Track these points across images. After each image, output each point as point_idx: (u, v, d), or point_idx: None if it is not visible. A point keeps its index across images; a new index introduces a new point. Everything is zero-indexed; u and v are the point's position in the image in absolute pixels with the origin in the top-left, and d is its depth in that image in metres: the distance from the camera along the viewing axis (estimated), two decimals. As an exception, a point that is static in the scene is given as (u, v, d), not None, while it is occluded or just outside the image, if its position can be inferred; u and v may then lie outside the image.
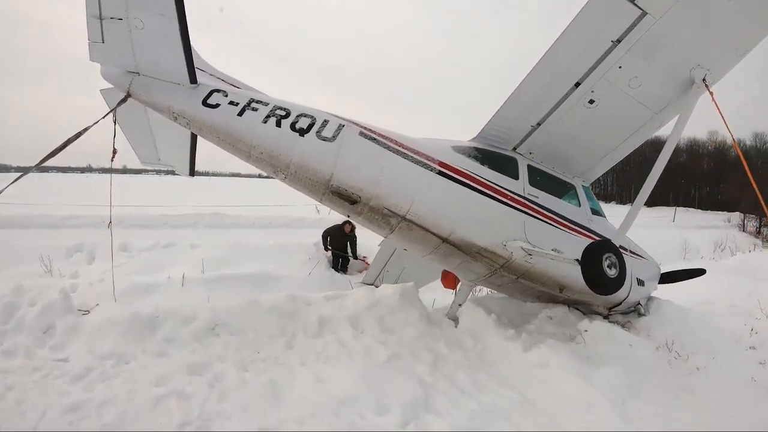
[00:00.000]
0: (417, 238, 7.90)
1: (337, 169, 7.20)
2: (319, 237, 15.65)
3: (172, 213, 19.89)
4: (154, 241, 14.62)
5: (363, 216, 7.68)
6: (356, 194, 7.35)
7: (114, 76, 7.13)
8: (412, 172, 7.57)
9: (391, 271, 12.37)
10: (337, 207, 7.70)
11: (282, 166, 7.13)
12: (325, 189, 7.32)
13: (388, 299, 8.84)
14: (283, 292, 8.71)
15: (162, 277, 12.03)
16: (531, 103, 7.86)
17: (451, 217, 7.75)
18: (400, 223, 7.63)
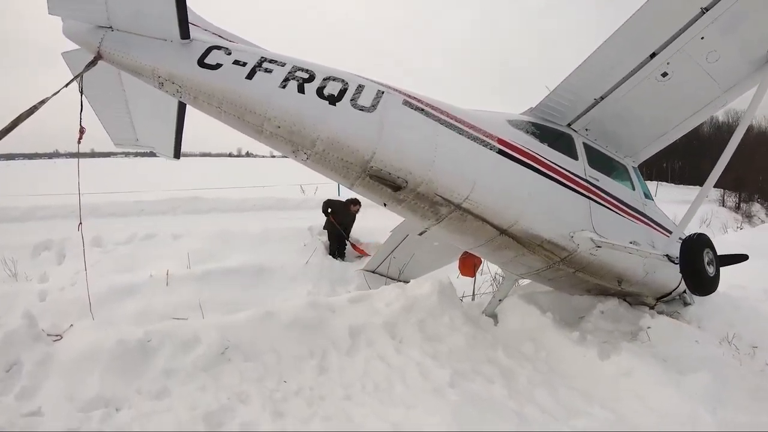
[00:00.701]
0: (468, 230, 6.39)
1: (381, 147, 5.52)
2: (311, 221, 13.87)
3: (147, 199, 17.65)
4: (130, 233, 12.51)
5: (404, 205, 6.05)
6: (403, 178, 5.68)
7: (80, 33, 5.22)
8: (471, 151, 6.08)
9: (398, 258, 11.04)
10: (372, 194, 6.00)
11: (305, 143, 5.38)
12: (361, 172, 5.61)
13: (425, 300, 7.21)
14: (301, 299, 6.89)
15: (143, 275, 10.18)
16: (601, 72, 6.86)
17: (516, 204, 6.31)
18: (453, 212, 6.07)
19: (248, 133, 5.43)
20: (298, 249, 12.27)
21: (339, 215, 13.04)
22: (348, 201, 13.14)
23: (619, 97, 7.01)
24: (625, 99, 7.03)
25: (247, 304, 9.60)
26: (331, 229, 12.96)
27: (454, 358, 6.21)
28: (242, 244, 12.06)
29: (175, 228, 13.41)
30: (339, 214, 13.04)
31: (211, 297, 9.75)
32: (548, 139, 7.00)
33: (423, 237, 9.47)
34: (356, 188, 5.92)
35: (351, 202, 13.11)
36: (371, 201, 6.38)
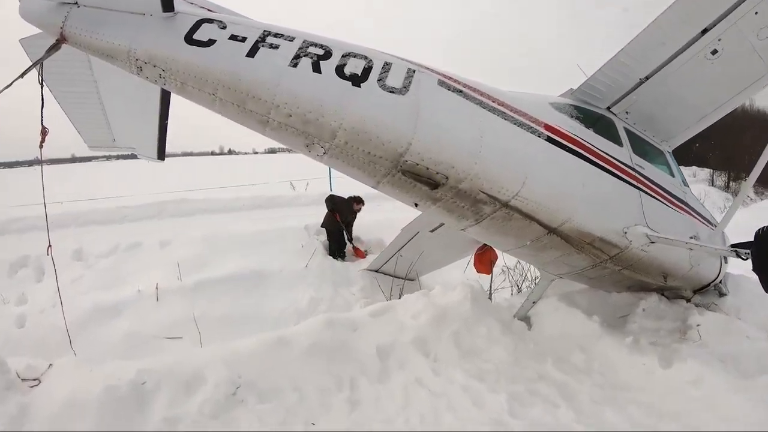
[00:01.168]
0: (512, 231, 5.44)
1: (418, 137, 4.47)
2: (305, 219, 12.79)
3: (130, 204, 16.28)
4: (114, 243, 11.28)
5: (440, 205, 5.03)
6: (443, 173, 4.65)
7: (39, 11, 4.11)
8: (520, 139, 5.11)
9: (405, 256, 9.97)
10: (401, 193, 4.98)
11: (324, 134, 4.31)
12: (391, 167, 4.58)
13: (456, 308, 6.21)
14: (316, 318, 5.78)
15: (130, 290, 9.14)
16: (650, 50, 6.13)
17: (570, 200, 5.38)
18: (498, 211, 5.08)
19: (250, 125, 4.38)
20: (296, 250, 11.17)
21: (341, 213, 12.00)
22: (351, 198, 12.10)
23: (665, 76, 6.26)
24: (671, 78, 6.29)
25: (247, 316, 8.65)
26: (330, 227, 11.88)
27: (504, 377, 5.25)
28: (235, 249, 10.92)
29: (161, 234, 12.23)
30: (341, 211, 11.99)
31: (206, 311, 8.71)
32: (592, 124, 6.11)
33: (435, 234, 8.58)
34: (382, 187, 4.90)
35: (354, 200, 12.08)
36: (399, 201, 5.33)
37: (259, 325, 8.66)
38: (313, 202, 16.81)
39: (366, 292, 10.35)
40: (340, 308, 9.65)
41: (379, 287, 10.48)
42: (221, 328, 8.51)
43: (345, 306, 9.81)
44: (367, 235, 12.38)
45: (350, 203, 11.99)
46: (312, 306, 9.57)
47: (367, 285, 10.54)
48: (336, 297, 10.02)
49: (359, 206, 12.08)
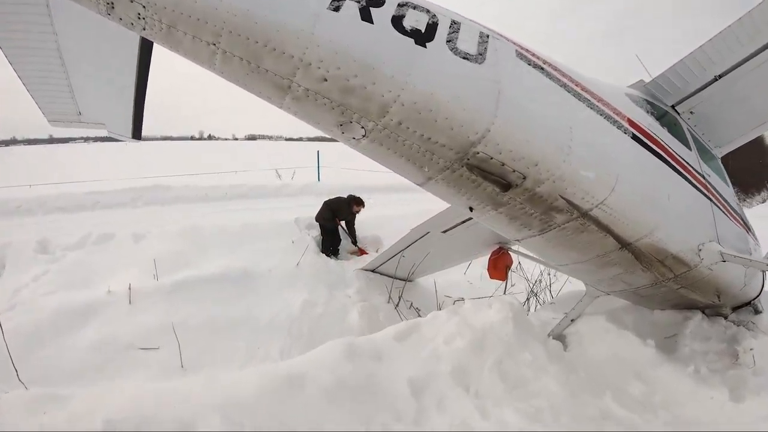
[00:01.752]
0: (579, 244, 4.36)
1: (499, 122, 3.30)
2: (294, 211, 11.56)
3: (103, 189, 14.74)
4: (83, 233, 9.80)
5: (502, 210, 3.89)
6: (521, 172, 3.51)
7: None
8: (608, 135, 4.05)
9: (408, 257, 8.88)
10: (456, 194, 3.78)
11: (371, 108, 3.08)
12: (456, 160, 3.40)
13: (496, 331, 5.02)
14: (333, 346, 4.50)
15: (99, 290, 7.82)
16: (733, 44, 5.33)
17: (655, 211, 4.39)
18: (573, 221, 3.99)
19: (262, 91, 3.10)
20: (286, 247, 9.91)
21: (339, 215, 10.86)
22: (350, 199, 10.87)
23: (741, 75, 5.44)
24: (747, 78, 5.48)
25: (234, 323, 7.49)
26: (326, 222, 10.59)
27: (562, 416, 4.18)
28: (219, 244, 9.62)
29: (136, 225, 10.85)
30: (339, 212, 10.83)
31: (187, 316, 7.50)
32: (665, 122, 5.14)
33: (446, 235, 7.50)
34: (432, 185, 3.72)
35: (354, 201, 10.83)
36: (445, 202, 4.17)
37: (249, 334, 7.53)
38: (301, 192, 15.58)
39: (363, 294, 9.20)
40: (335, 313, 8.54)
41: (376, 289, 9.38)
42: (204, 338, 7.33)
43: (341, 310, 8.69)
44: (362, 232, 11.16)
45: (349, 204, 10.79)
46: (305, 310, 8.40)
47: (364, 286, 9.41)
48: (331, 300, 8.83)
49: (359, 208, 10.88)
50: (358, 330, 8.35)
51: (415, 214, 12.68)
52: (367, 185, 17.07)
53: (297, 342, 7.85)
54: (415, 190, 15.20)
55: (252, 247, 9.64)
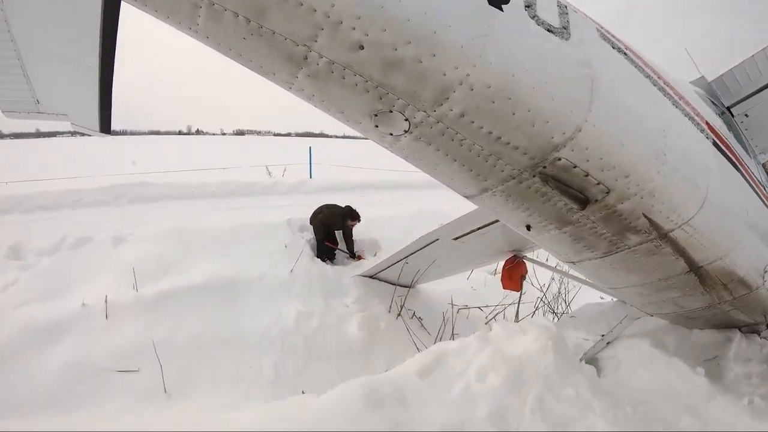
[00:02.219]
0: (643, 268, 3.61)
1: (592, 120, 2.50)
2: (286, 211, 10.72)
3: (85, 186, 13.73)
4: (60, 236, 8.94)
5: (568, 230, 3.14)
6: (606, 184, 2.75)
7: None
8: (696, 142, 3.34)
9: (411, 263, 8.01)
10: (515, 210, 3.04)
11: (425, 93, 2.24)
12: (528, 167, 2.65)
13: (534, 363, 4.29)
14: (350, 389, 3.71)
15: (74, 302, 6.89)
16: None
17: (735, 230, 3.67)
18: (647, 243, 3.24)
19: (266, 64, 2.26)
20: (279, 251, 9.04)
21: (331, 226, 9.81)
22: (346, 212, 9.76)
23: None
24: None
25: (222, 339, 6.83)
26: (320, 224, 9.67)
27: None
28: (206, 249, 8.72)
29: (117, 226, 9.94)
30: (331, 224, 9.77)
31: (169, 333, 6.71)
32: (730, 126, 4.52)
33: (458, 242, 6.74)
34: (486, 199, 2.97)
35: (349, 215, 9.73)
36: (499, 218, 3.39)
37: (238, 351, 6.73)
38: (292, 190, 14.72)
39: (362, 303, 8.40)
40: (333, 324, 7.74)
41: (376, 297, 8.57)
42: (189, 356, 6.54)
43: (339, 321, 7.89)
44: (358, 235, 10.30)
45: (344, 218, 9.73)
46: (300, 322, 7.60)
47: (363, 294, 8.60)
48: (327, 311, 8.02)
49: (354, 223, 9.84)
50: (358, 343, 7.61)
51: (412, 214, 11.93)
52: (360, 182, 16.28)
53: (291, 358, 7.09)
54: (411, 188, 14.48)
55: (241, 251, 8.77)
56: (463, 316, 8.90)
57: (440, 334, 8.23)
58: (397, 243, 10.08)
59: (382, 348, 7.84)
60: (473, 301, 9.48)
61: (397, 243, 10.08)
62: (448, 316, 8.53)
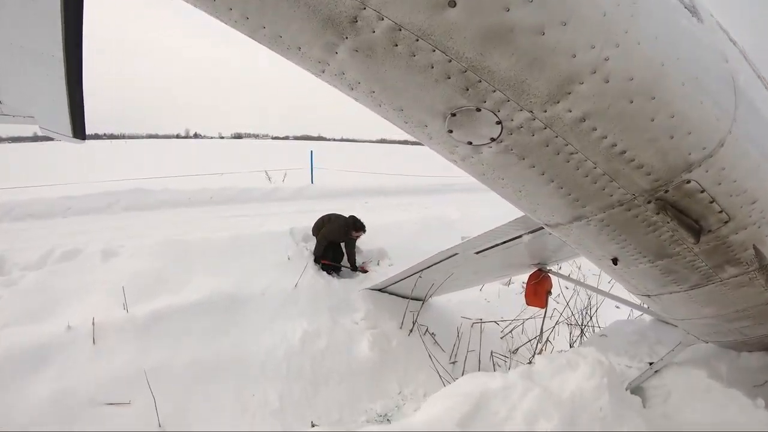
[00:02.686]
0: (728, 299, 2.97)
1: (736, 130, 1.83)
2: (288, 219, 10.10)
3: (77, 193, 13.01)
4: (47, 248, 8.20)
5: (662, 264, 2.47)
6: (730, 212, 2.10)
7: None
8: None
9: (425, 277, 7.19)
10: (608, 241, 2.37)
11: (540, 82, 1.53)
12: (645, 192, 1.96)
13: (588, 405, 3.65)
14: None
15: (58, 326, 6.16)
16: None
17: None
18: (743, 275, 2.58)
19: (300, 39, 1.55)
20: (281, 263, 8.35)
21: (334, 238, 8.98)
22: (349, 223, 8.94)
23: None
24: None
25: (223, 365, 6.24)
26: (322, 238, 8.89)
27: None
28: (203, 261, 8.04)
29: (108, 235, 9.24)
30: (334, 238, 8.96)
31: (163, 359, 6.02)
32: None
33: (479, 256, 6.01)
34: (572, 227, 2.36)
35: (353, 226, 8.91)
36: (579, 249, 2.74)
37: (240, 377, 6.09)
38: (293, 196, 14.03)
39: (372, 319, 7.74)
40: (341, 344, 7.09)
41: (386, 312, 7.92)
42: (185, 385, 5.88)
43: (348, 340, 7.24)
44: (365, 244, 9.62)
45: (347, 229, 8.91)
46: (306, 343, 6.94)
47: (372, 309, 7.92)
48: (335, 328, 7.35)
49: (358, 234, 9.01)
50: (369, 364, 6.95)
51: (419, 220, 11.28)
52: (363, 187, 15.61)
53: (298, 383, 6.42)
54: (415, 193, 13.64)
55: (241, 264, 8.09)
56: (478, 329, 8.27)
57: (455, 350, 7.61)
58: (404, 251, 9.46)
59: (394, 368, 7.21)
60: (487, 314, 8.85)
61: (404, 251, 9.46)
62: (462, 330, 7.89)
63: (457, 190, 18.79)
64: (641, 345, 5.43)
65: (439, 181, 19.31)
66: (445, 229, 11.00)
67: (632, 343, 5.59)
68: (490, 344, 8.07)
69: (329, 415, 6.28)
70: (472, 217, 12.08)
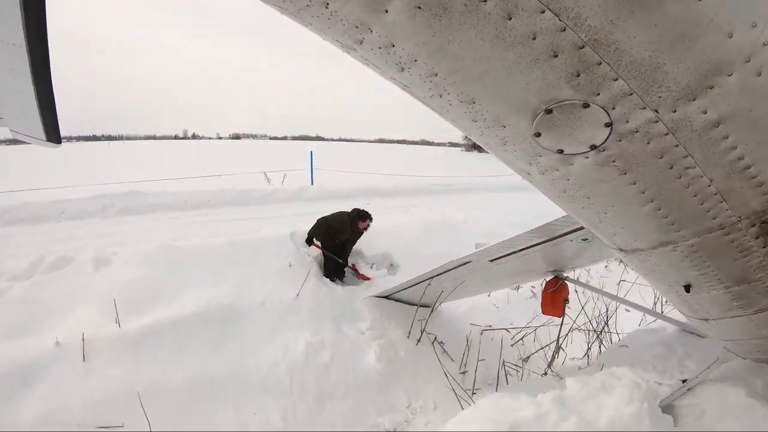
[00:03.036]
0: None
1: None
2: (288, 222, 9.65)
3: (71, 197, 12.53)
4: (37, 256, 7.77)
5: (741, 289, 2.07)
6: None
7: None
8: None
9: (434, 285, 6.82)
10: (688, 270, 1.95)
11: (689, 65, 1.08)
12: (752, 214, 1.55)
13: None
14: None
15: (46, 342, 5.71)
16: None
17: None
18: None
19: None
20: (282, 270, 7.93)
21: (340, 234, 8.36)
22: (355, 214, 8.35)
23: None
24: None
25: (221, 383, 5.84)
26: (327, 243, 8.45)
27: None
28: (199, 269, 7.61)
29: (101, 243, 8.83)
30: (340, 232, 8.35)
31: (158, 377, 5.60)
32: None
33: (493, 263, 5.63)
34: (655, 253, 1.94)
35: (359, 216, 8.32)
36: (649, 276, 2.34)
37: (240, 394, 5.70)
38: (292, 198, 13.61)
39: (378, 328, 7.36)
40: (347, 356, 6.72)
41: (393, 319, 7.54)
42: (182, 405, 5.50)
43: (354, 351, 6.86)
44: (369, 249, 9.21)
45: (352, 222, 8.32)
46: (310, 356, 6.55)
47: (378, 318, 7.54)
48: (340, 338, 6.96)
49: (366, 223, 8.40)
50: (377, 376, 6.56)
51: (423, 223, 10.88)
52: (364, 188, 15.19)
53: (302, 401, 6.02)
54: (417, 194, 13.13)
55: (240, 272, 7.67)
56: (487, 337, 7.90)
57: (465, 359, 7.21)
58: (410, 255, 9.08)
59: (402, 380, 6.84)
60: (497, 321, 8.48)
61: (410, 255, 9.08)
62: (471, 338, 7.50)
63: (458, 191, 18.43)
64: (669, 359, 5.04)
65: (439, 181, 18.95)
66: (450, 232, 10.61)
67: (659, 357, 5.20)
68: (500, 351, 7.70)
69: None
70: (477, 219, 11.71)
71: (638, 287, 8.17)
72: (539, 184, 1.67)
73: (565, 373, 6.04)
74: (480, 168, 23.97)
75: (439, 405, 6.63)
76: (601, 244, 2.60)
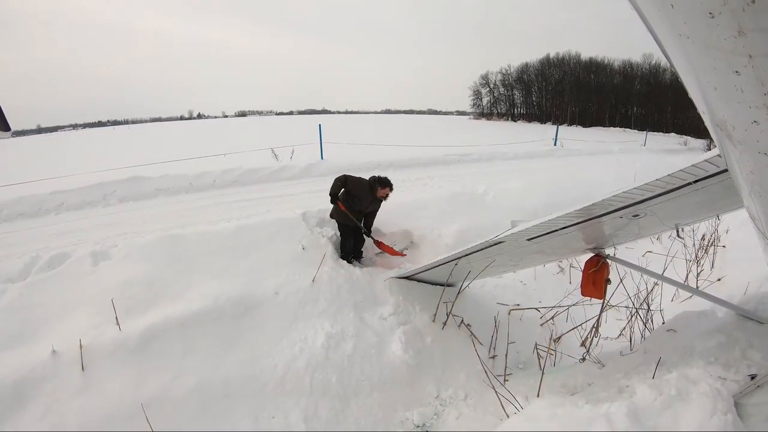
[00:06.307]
0: None
1: None
2: (298, 201, 9.09)
3: (71, 187, 11.98)
4: (32, 255, 7.23)
5: None
6: None
7: None
8: None
9: (461, 265, 6.21)
10: None
11: None
12: None
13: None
14: None
15: (41, 350, 5.23)
16: None
17: None
18: None
19: None
20: (296, 255, 7.36)
21: (359, 201, 7.61)
22: (375, 180, 7.62)
23: None
24: None
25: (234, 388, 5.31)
26: (342, 219, 7.76)
27: None
28: (206, 260, 7.04)
29: (101, 234, 8.33)
30: (359, 198, 7.59)
31: (164, 385, 5.11)
32: None
33: (530, 242, 5.06)
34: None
35: (379, 182, 7.58)
36: None
37: (255, 397, 5.20)
38: (303, 174, 13.01)
39: (402, 314, 6.81)
40: (370, 347, 6.23)
41: (417, 302, 7.01)
42: (191, 414, 5.01)
43: (377, 341, 6.34)
44: (386, 226, 8.61)
45: (373, 186, 7.58)
46: (331, 350, 6.02)
47: (401, 302, 6.98)
48: (362, 328, 6.42)
49: (385, 191, 7.67)
50: (403, 367, 6.04)
51: (445, 198, 10.25)
52: (377, 161, 14.55)
53: (324, 400, 5.50)
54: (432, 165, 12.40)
55: (249, 259, 7.11)
56: (516, 317, 7.34)
57: (494, 342, 6.66)
58: (434, 233, 8.52)
59: (429, 369, 6.31)
60: (524, 299, 7.91)
61: (434, 233, 8.52)
62: (499, 319, 6.93)
63: (474, 160, 17.75)
64: (731, 349, 4.33)
65: (455, 150, 18.27)
66: (474, 207, 9.99)
67: (720, 347, 4.52)
68: (529, 333, 7.15)
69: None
70: (500, 192, 11.05)
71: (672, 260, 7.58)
72: None
73: (606, 359, 5.47)
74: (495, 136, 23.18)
75: (470, 394, 6.11)
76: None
